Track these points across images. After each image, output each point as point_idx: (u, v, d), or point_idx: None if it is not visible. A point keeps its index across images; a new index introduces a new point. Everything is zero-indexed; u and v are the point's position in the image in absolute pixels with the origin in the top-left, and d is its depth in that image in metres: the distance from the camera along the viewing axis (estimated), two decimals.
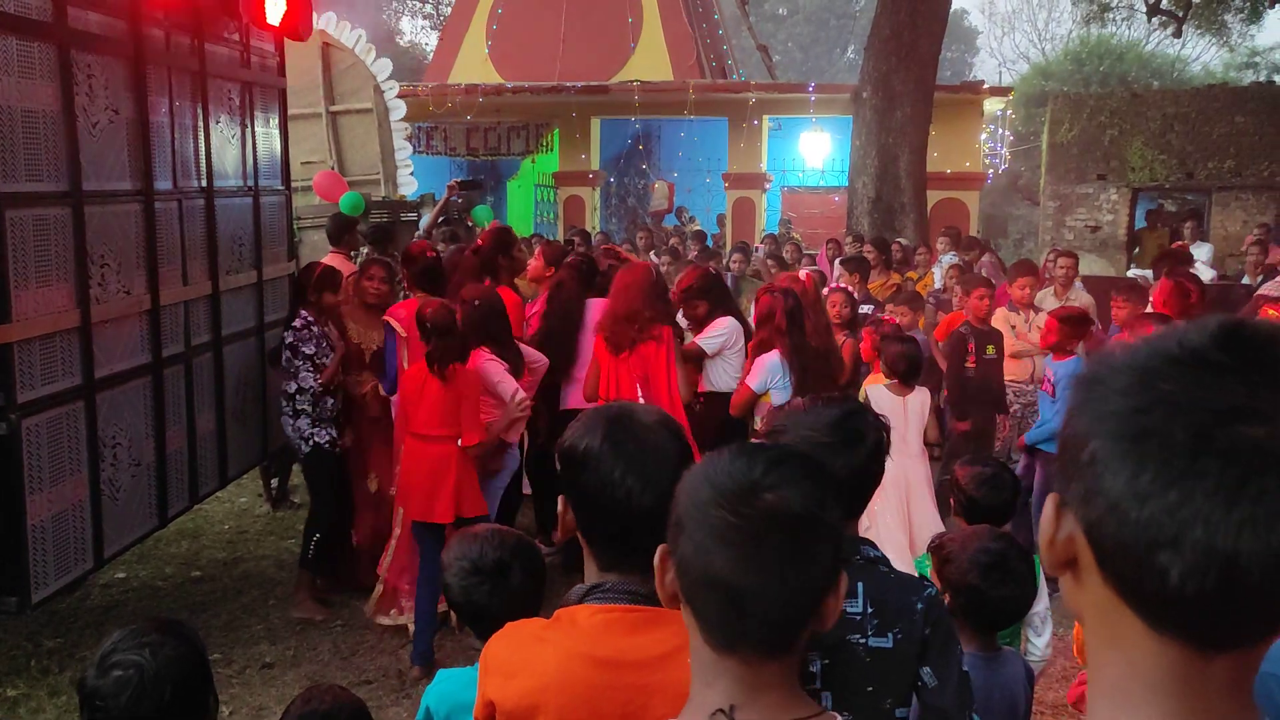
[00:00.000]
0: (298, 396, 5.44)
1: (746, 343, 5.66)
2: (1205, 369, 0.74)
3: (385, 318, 5.52)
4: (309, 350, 5.44)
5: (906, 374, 5.20)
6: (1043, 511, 0.84)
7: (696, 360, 5.68)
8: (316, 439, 5.46)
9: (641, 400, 5.06)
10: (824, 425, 2.02)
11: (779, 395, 5.26)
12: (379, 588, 5.19)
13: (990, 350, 6.91)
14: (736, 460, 1.17)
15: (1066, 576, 0.83)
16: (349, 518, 5.74)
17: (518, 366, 5.23)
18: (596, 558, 1.60)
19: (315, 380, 5.42)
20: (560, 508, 1.63)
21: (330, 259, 6.89)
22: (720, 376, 5.65)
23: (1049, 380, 5.96)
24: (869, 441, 2.03)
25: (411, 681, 4.75)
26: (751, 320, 5.72)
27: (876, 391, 5.23)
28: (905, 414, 5.13)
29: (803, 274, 6.71)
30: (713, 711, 1.13)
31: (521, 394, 5.03)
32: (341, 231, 7.34)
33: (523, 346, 5.39)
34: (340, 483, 5.64)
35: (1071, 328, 6.00)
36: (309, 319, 5.47)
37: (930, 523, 4.86)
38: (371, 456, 5.68)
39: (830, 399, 2.17)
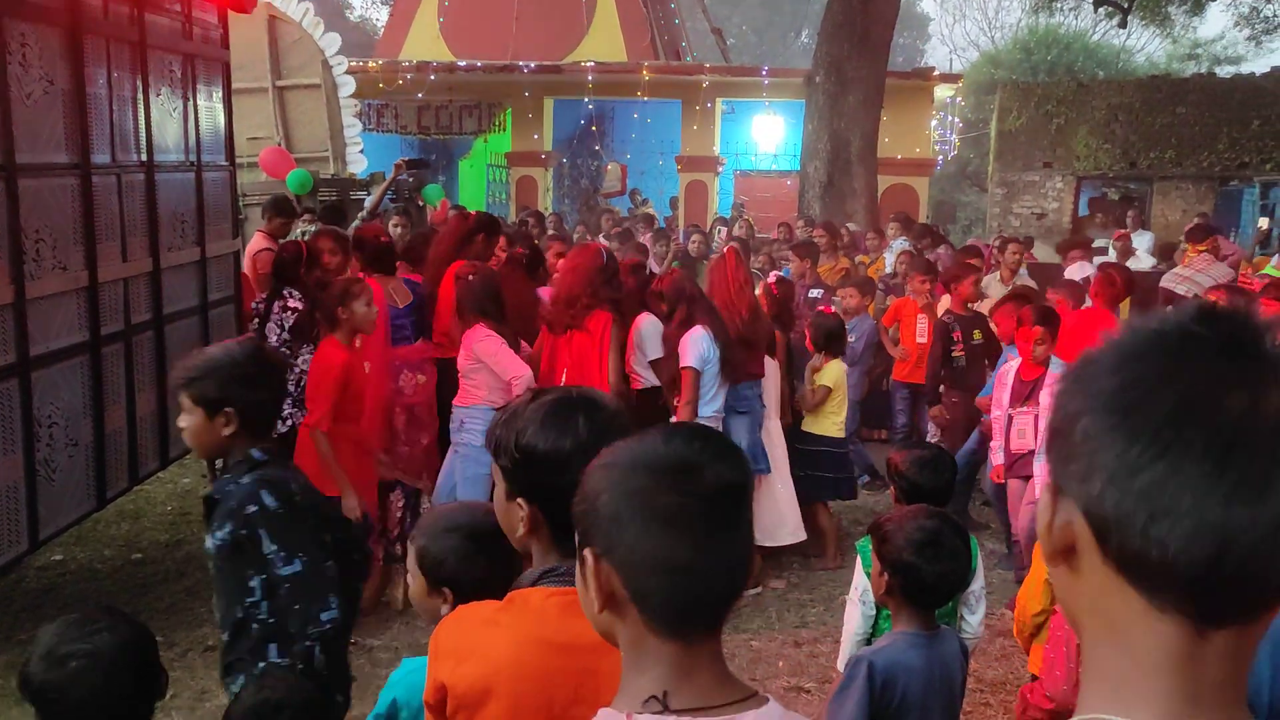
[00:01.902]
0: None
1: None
2: (1186, 345, 0.76)
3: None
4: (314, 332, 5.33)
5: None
6: (1039, 502, 0.84)
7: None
8: (293, 420, 5.33)
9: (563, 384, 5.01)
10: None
11: (710, 371, 5.27)
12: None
13: (977, 335, 6.89)
14: (671, 441, 1.16)
15: (1061, 570, 0.83)
16: None
17: (514, 344, 5.15)
18: (551, 542, 1.57)
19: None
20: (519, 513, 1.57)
21: (257, 240, 6.75)
22: (648, 371, 5.66)
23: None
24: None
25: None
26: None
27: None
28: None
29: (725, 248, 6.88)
30: (646, 698, 1.12)
31: (527, 378, 4.80)
32: (271, 212, 7.06)
33: (509, 358, 5.02)
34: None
35: (1016, 305, 6.04)
36: (303, 299, 5.34)
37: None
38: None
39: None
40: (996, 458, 5.65)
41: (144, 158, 5.26)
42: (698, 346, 5.27)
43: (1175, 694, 0.78)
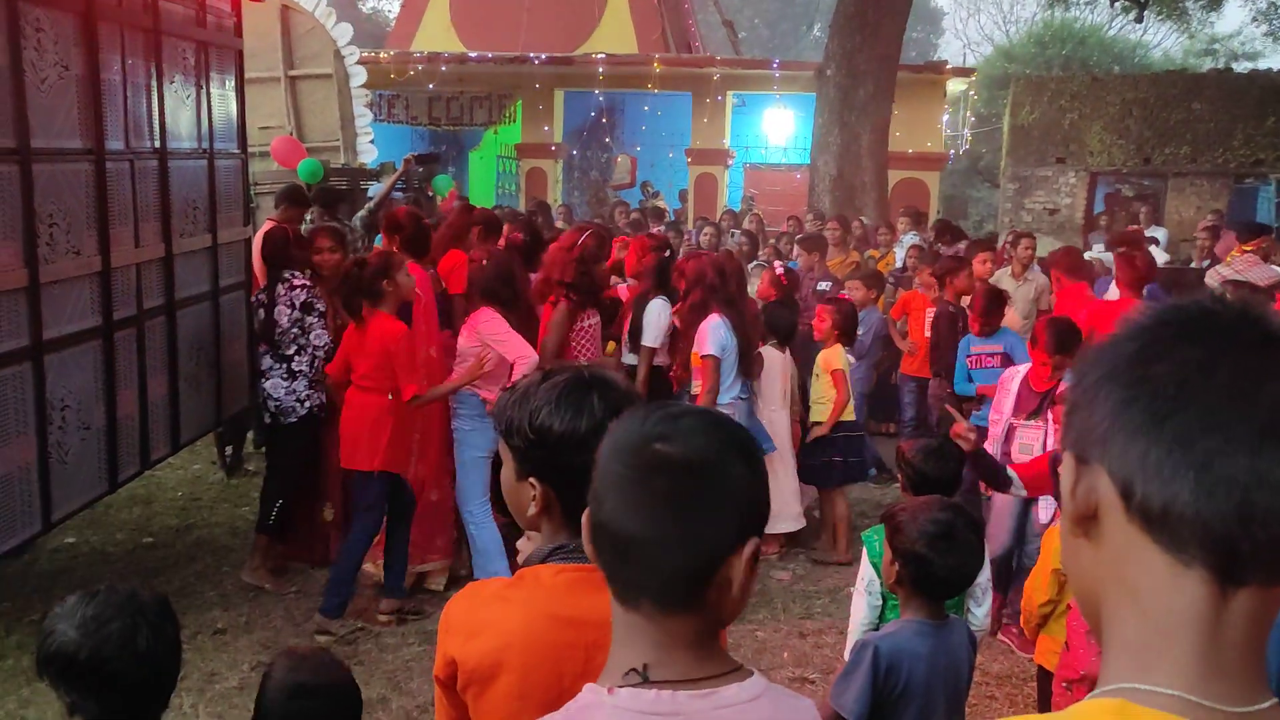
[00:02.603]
0: (296, 357, 5.30)
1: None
2: (1204, 315, 0.82)
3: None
4: (322, 306, 5.37)
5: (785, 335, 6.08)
6: (1060, 472, 0.88)
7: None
8: (312, 402, 5.35)
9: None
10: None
11: (729, 359, 5.34)
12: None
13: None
14: (634, 416, 1.19)
15: (1080, 543, 0.86)
16: (321, 489, 5.65)
17: (527, 328, 5.17)
18: (562, 520, 1.58)
19: (330, 336, 5.36)
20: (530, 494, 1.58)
21: (266, 226, 6.77)
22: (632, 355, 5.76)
23: (988, 355, 6.10)
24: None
25: (310, 633, 4.80)
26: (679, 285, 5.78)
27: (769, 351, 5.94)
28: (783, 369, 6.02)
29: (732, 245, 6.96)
30: (626, 670, 1.14)
31: (532, 361, 4.83)
32: (284, 201, 7.09)
33: (513, 339, 5.05)
34: (318, 452, 5.54)
35: (991, 302, 6.17)
36: (305, 277, 5.39)
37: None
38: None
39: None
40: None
41: (157, 144, 5.29)
42: (716, 334, 5.34)
43: (1197, 657, 0.79)
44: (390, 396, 4.80)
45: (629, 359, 5.83)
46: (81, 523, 5.84)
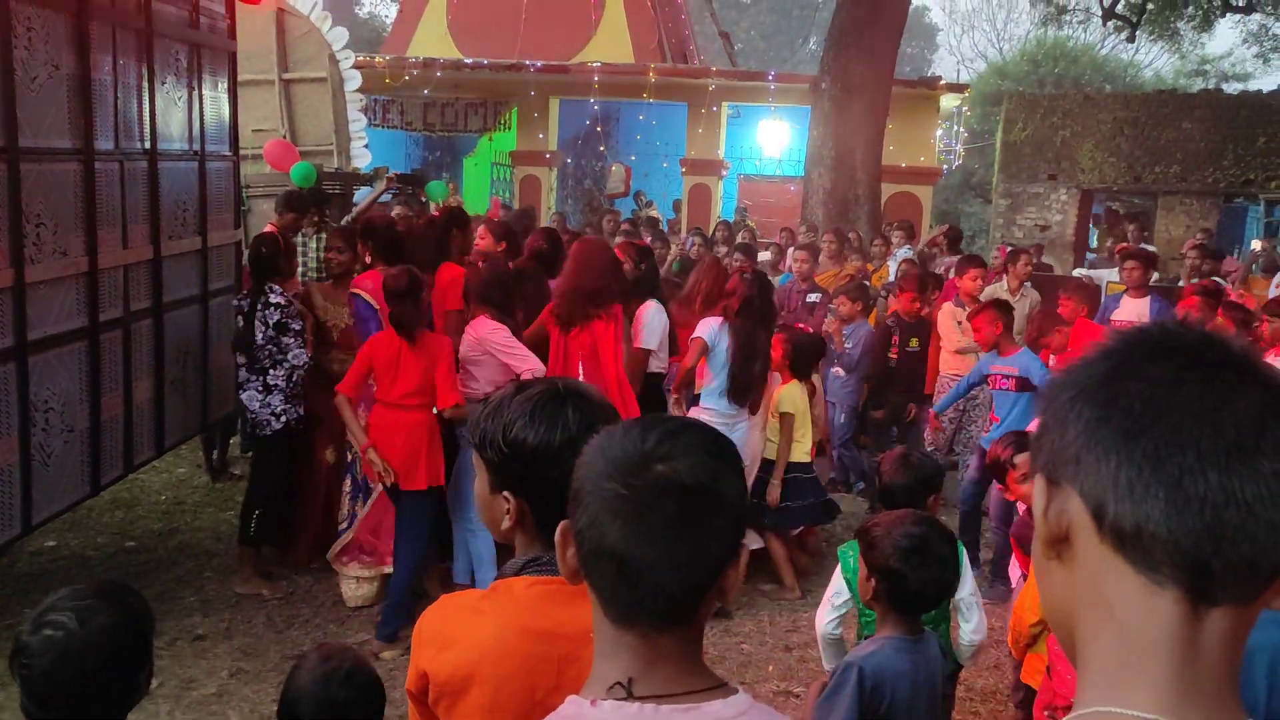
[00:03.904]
0: (272, 371, 5.27)
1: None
2: (1169, 337, 0.83)
3: (353, 289, 5.45)
4: (298, 326, 5.32)
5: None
6: (1032, 494, 0.87)
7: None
8: (288, 416, 5.32)
9: (582, 378, 5.02)
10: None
11: (717, 359, 5.30)
12: (349, 534, 5.18)
13: (914, 343, 7.03)
14: (630, 432, 1.16)
15: (1053, 566, 0.85)
16: (301, 495, 5.63)
17: (518, 331, 5.15)
18: (535, 533, 1.57)
19: (308, 356, 5.31)
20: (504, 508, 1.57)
21: (266, 230, 6.75)
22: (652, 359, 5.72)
23: (1004, 376, 5.92)
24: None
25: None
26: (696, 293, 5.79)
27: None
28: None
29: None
30: (611, 685, 1.13)
31: (539, 371, 4.82)
32: (283, 208, 7.08)
33: (521, 350, 5.02)
34: (296, 460, 5.51)
35: (998, 313, 6.04)
36: (283, 292, 5.35)
37: None
38: (331, 429, 5.51)
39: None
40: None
41: (147, 146, 5.25)
42: (708, 326, 5.34)
43: (1173, 679, 0.78)
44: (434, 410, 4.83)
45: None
46: (63, 526, 5.79)
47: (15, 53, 4.12)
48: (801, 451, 5.74)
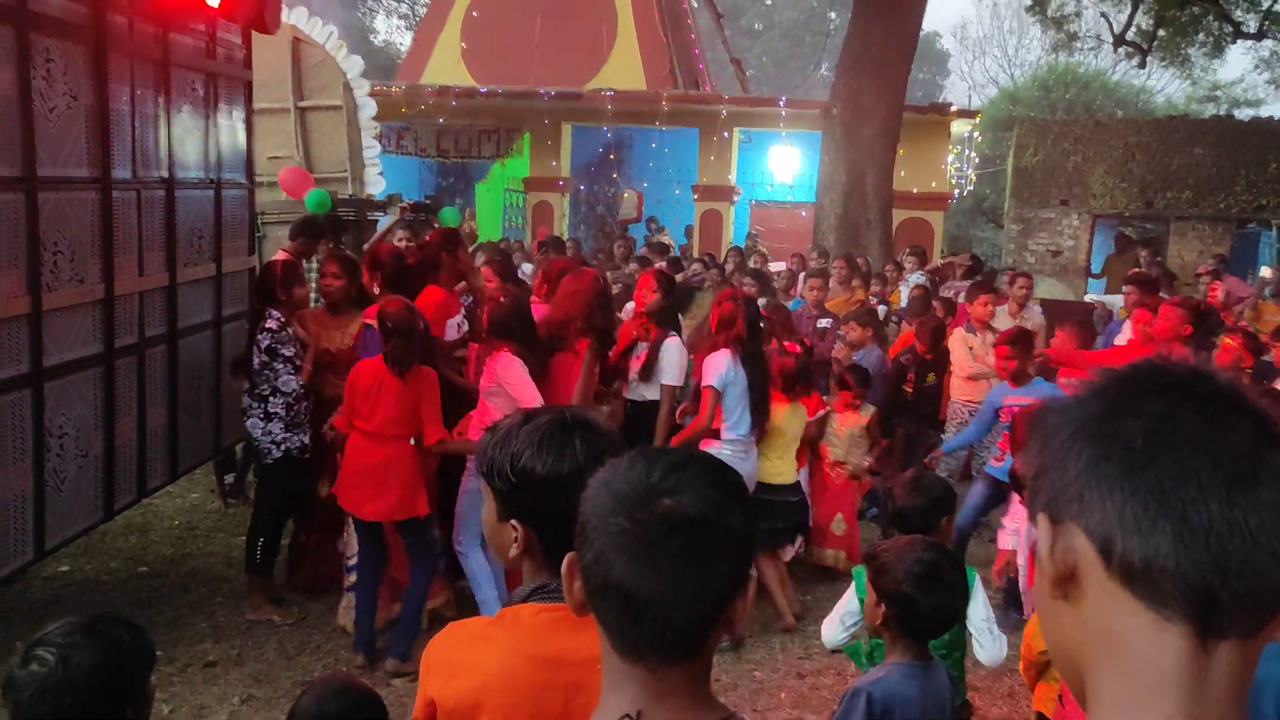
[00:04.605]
0: (271, 399, 5.28)
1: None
2: (1162, 373, 0.84)
3: (365, 320, 5.47)
4: (288, 352, 5.31)
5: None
6: (1035, 534, 0.86)
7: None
8: (288, 445, 5.32)
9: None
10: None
11: (734, 392, 5.30)
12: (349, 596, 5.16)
13: (930, 378, 7.02)
14: (635, 465, 1.15)
15: (1059, 605, 0.85)
16: (308, 520, 5.66)
17: (541, 366, 5.16)
18: (543, 561, 1.58)
19: (298, 383, 5.32)
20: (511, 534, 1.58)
21: (278, 257, 6.81)
22: (650, 387, 5.69)
23: (1020, 407, 5.89)
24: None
25: (357, 672, 4.70)
26: (710, 324, 5.75)
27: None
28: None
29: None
30: (619, 718, 1.13)
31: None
32: (301, 233, 7.16)
33: (530, 389, 4.96)
34: (302, 486, 5.52)
35: (1023, 346, 6.02)
36: (282, 319, 5.36)
37: None
38: (326, 461, 5.51)
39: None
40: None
41: (164, 174, 5.31)
42: (719, 367, 5.31)
43: (1182, 713, 0.79)
44: (412, 441, 4.84)
45: (639, 394, 5.76)
46: (76, 550, 5.81)
47: (34, 83, 4.18)
48: (785, 473, 5.70)
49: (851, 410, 6.38)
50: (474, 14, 18.56)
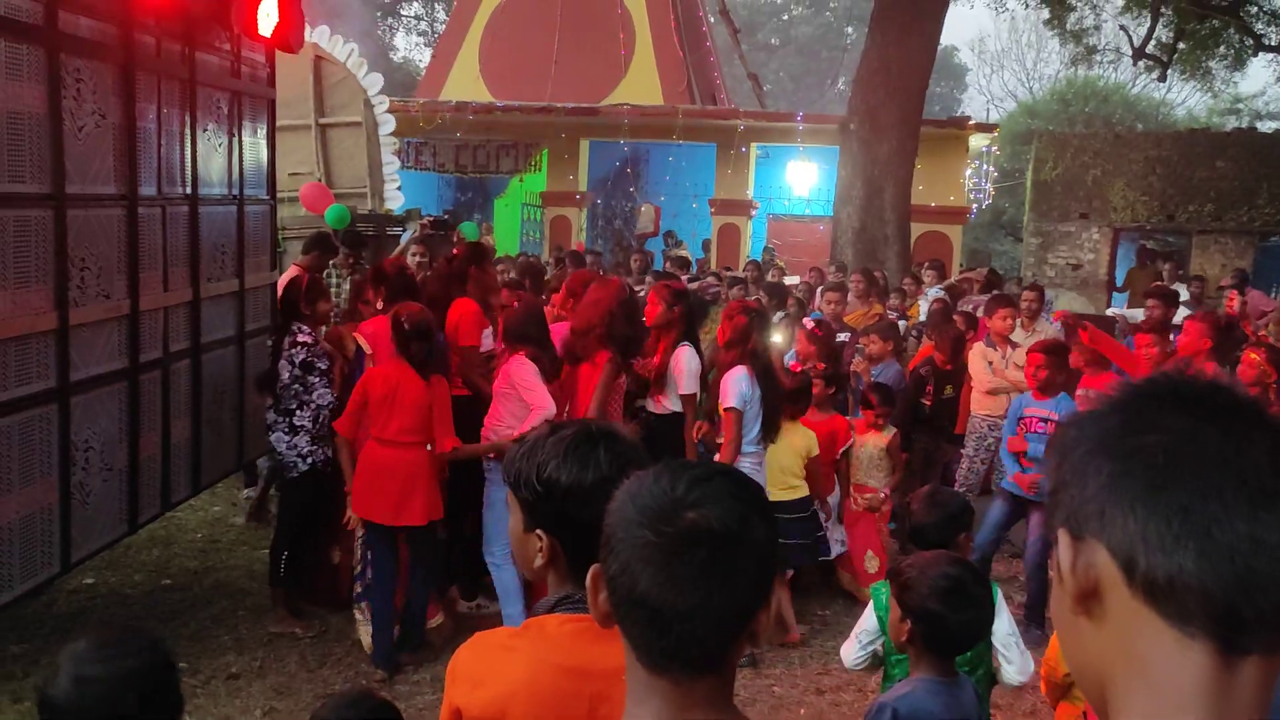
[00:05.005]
0: (298, 413, 5.34)
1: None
2: (1181, 387, 0.84)
3: (355, 334, 5.52)
4: (323, 365, 5.39)
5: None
6: (1056, 549, 0.86)
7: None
8: (315, 458, 5.38)
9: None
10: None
11: (751, 410, 5.33)
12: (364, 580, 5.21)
13: (948, 390, 6.97)
14: (660, 478, 1.16)
15: (1082, 623, 0.85)
16: (333, 534, 5.69)
17: (555, 370, 5.20)
18: (567, 571, 1.60)
19: (333, 395, 5.38)
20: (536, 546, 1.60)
21: (291, 272, 6.91)
22: (672, 399, 5.70)
23: (1040, 419, 5.84)
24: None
25: (377, 686, 4.73)
26: (718, 338, 5.77)
27: None
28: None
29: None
30: None
31: (548, 412, 4.84)
32: (314, 248, 7.31)
33: (540, 390, 5.01)
34: (326, 499, 5.58)
35: (1057, 358, 5.96)
36: (311, 332, 5.43)
37: None
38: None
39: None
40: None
41: (189, 191, 5.38)
42: (738, 386, 5.32)
43: None
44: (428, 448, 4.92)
45: (661, 406, 5.77)
46: (101, 564, 5.87)
47: (63, 102, 4.25)
48: (794, 488, 5.70)
49: (873, 430, 6.35)
50: (492, 31, 18.71)
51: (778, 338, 6.88)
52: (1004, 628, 3.29)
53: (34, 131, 4.10)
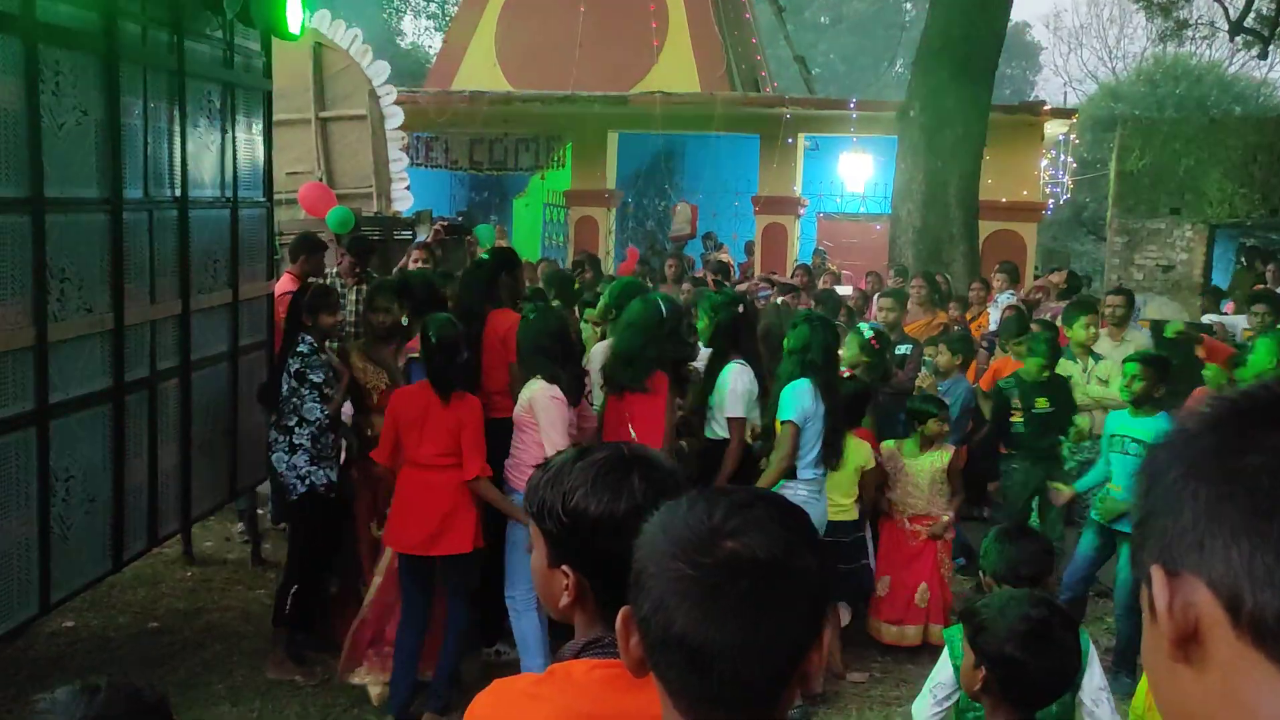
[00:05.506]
0: (297, 430, 5.43)
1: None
2: (1268, 412, 0.81)
3: (411, 355, 5.58)
4: (316, 378, 5.46)
5: None
6: (1150, 588, 0.84)
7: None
8: (314, 479, 5.44)
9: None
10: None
11: (814, 427, 5.29)
12: (348, 641, 5.22)
13: (1041, 403, 6.71)
14: (695, 506, 1.16)
15: (1177, 668, 0.83)
16: (335, 569, 5.76)
17: (577, 386, 5.22)
18: (596, 612, 1.60)
19: (322, 412, 5.45)
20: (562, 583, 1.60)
21: (283, 281, 6.99)
22: (719, 422, 5.68)
23: (1132, 439, 5.76)
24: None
25: None
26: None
27: None
28: None
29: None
30: None
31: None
32: (301, 252, 7.43)
33: (560, 435, 5.06)
34: (332, 530, 5.64)
35: (1156, 369, 5.85)
36: (313, 343, 5.52)
37: None
38: (372, 500, 5.63)
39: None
40: None
41: (178, 193, 5.46)
42: (800, 400, 5.29)
43: None
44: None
45: (710, 431, 5.77)
46: (82, 604, 5.94)
47: (42, 98, 4.33)
48: (842, 510, 5.73)
49: (931, 449, 6.26)
50: (510, 13, 18.86)
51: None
52: (1094, 680, 3.24)
53: (9, 130, 4.16)
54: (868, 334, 6.78)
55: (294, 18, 5.91)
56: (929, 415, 6.19)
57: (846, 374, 6.41)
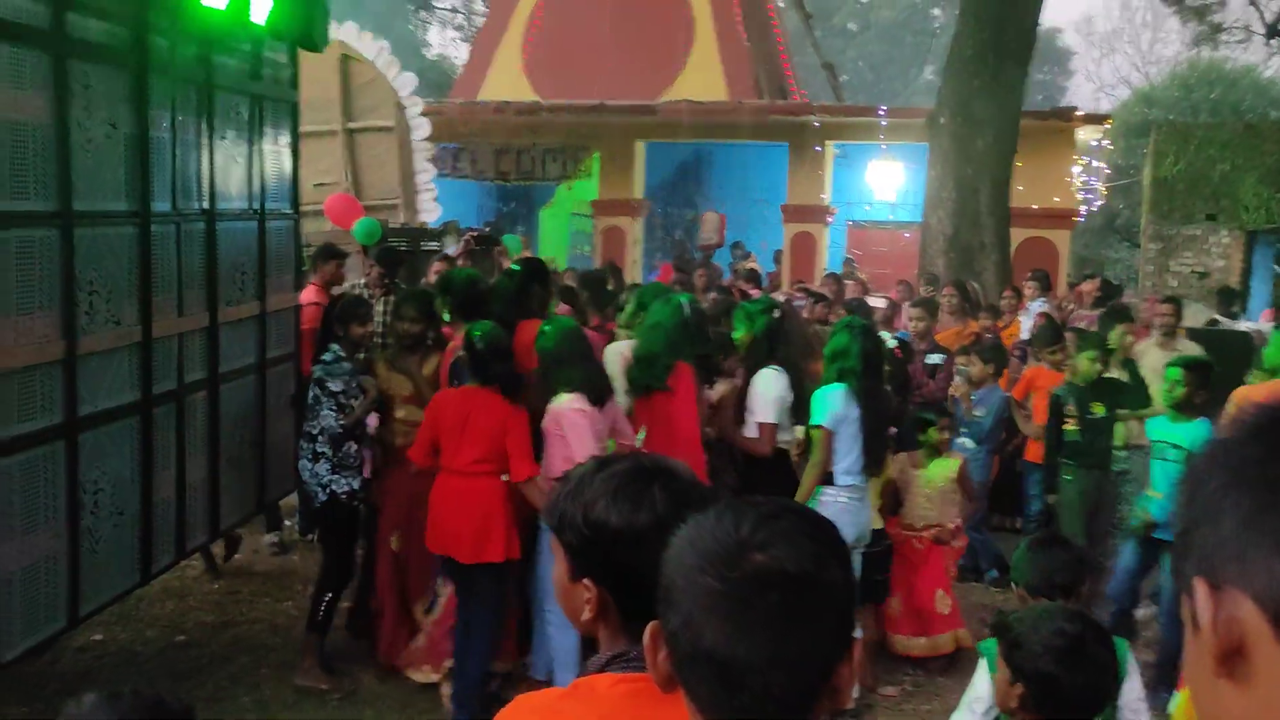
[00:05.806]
0: (319, 438, 5.51)
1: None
2: None
3: (450, 356, 5.61)
4: (335, 387, 5.52)
5: None
6: (1194, 601, 0.82)
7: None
8: (335, 487, 5.51)
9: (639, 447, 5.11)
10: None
11: (848, 432, 5.25)
12: (420, 638, 5.30)
13: (1097, 409, 6.50)
14: (722, 519, 1.16)
15: (1220, 684, 0.81)
16: (370, 578, 5.80)
17: (602, 381, 5.23)
18: (620, 625, 1.59)
19: (337, 421, 5.49)
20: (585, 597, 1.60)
21: (307, 291, 7.04)
22: (750, 429, 5.67)
23: (1172, 445, 5.71)
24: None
25: None
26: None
27: None
28: None
29: None
30: None
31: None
32: (320, 260, 7.47)
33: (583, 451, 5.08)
34: (359, 539, 5.68)
35: (1199, 374, 5.77)
36: (340, 354, 5.59)
37: None
38: (401, 513, 5.65)
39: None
40: None
41: (205, 205, 5.51)
42: (830, 404, 5.27)
43: None
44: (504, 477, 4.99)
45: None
46: (110, 618, 5.98)
47: (72, 112, 4.37)
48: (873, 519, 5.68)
49: (939, 458, 6.20)
50: (536, 22, 18.93)
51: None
52: (1134, 693, 3.20)
53: (39, 144, 4.21)
54: (891, 344, 6.75)
55: (320, 33, 5.97)
56: (929, 424, 6.19)
57: None
